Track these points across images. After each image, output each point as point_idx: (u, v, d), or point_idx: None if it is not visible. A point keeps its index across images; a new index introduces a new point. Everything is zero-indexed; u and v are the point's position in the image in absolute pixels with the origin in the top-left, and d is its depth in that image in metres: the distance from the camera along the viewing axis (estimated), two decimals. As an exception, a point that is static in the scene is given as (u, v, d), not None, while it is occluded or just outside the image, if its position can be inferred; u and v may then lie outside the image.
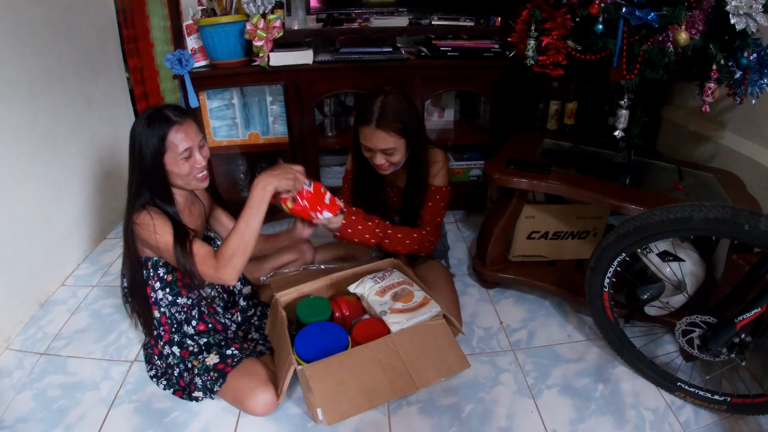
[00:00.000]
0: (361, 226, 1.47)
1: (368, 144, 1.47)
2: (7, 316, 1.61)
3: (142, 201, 1.24)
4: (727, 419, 1.29)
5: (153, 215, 1.22)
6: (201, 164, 1.28)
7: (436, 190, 1.58)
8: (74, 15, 2.02)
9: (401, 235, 1.55)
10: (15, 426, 1.29)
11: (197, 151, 1.27)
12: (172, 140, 1.22)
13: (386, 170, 1.53)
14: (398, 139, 1.45)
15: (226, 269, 1.20)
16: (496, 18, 2.08)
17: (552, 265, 1.80)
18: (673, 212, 1.15)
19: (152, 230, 1.21)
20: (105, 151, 2.23)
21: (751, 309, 1.10)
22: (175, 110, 1.25)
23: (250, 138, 2.11)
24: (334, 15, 2.07)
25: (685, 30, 1.19)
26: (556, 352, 1.53)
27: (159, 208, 1.25)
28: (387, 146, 1.45)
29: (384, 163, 1.49)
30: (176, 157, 1.23)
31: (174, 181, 1.28)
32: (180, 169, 1.24)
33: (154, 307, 1.35)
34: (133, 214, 1.24)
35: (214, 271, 1.20)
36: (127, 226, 1.27)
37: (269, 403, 1.26)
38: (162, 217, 1.23)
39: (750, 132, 1.66)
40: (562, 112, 2.02)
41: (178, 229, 1.23)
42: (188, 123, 1.25)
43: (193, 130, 1.26)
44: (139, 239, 1.27)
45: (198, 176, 1.29)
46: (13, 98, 1.65)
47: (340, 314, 1.42)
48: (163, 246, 1.22)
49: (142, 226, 1.22)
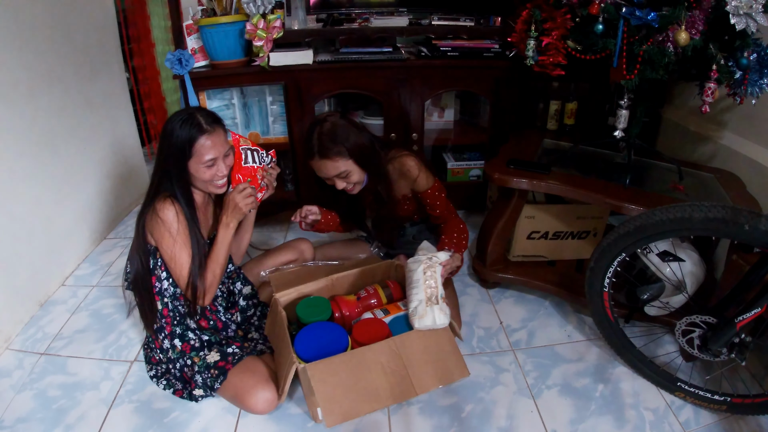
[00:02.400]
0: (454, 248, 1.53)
1: (321, 174, 1.51)
2: (7, 316, 1.61)
3: (165, 189, 1.28)
4: (727, 419, 1.29)
5: (178, 212, 1.27)
6: (222, 173, 1.32)
7: (428, 193, 1.58)
8: (74, 15, 2.02)
9: (456, 236, 1.58)
10: (15, 426, 1.29)
11: (222, 161, 1.31)
12: (199, 148, 1.26)
13: (354, 190, 1.55)
14: (346, 161, 1.46)
15: (201, 301, 1.32)
16: (496, 18, 2.08)
17: (552, 265, 1.80)
18: (673, 212, 1.15)
19: (172, 230, 1.26)
20: (105, 151, 2.23)
21: (751, 309, 1.10)
22: (207, 117, 1.29)
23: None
24: (334, 15, 2.07)
25: (685, 30, 1.19)
26: (556, 352, 1.53)
27: (178, 202, 1.28)
28: (338, 171, 1.47)
29: (346, 186, 1.52)
30: (200, 164, 1.27)
31: (194, 183, 1.33)
32: (202, 175, 1.29)
33: (157, 297, 1.35)
34: (155, 201, 1.27)
35: (186, 289, 1.31)
36: (143, 213, 1.30)
37: (270, 401, 1.26)
38: (183, 221, 1.28)
39: (750, 132, 1.66)
40: (562, 112, 2.02)
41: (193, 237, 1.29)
42: (218, 132, 1.30)
43: (221, 140, 1.31)
44: (150, 227, 1.29)
45: (217, 183, 1.33)
46: (13, 98, 1.65)
47: (340, 314, 1.42)
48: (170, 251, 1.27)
49: (164, 221, 1.25)
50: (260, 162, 1.44)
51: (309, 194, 2.17)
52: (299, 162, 2.09)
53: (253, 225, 1.57)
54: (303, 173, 2.12)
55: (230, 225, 1.36)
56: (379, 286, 1.52)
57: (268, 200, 1.50)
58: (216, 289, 1.36)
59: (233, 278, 1.53)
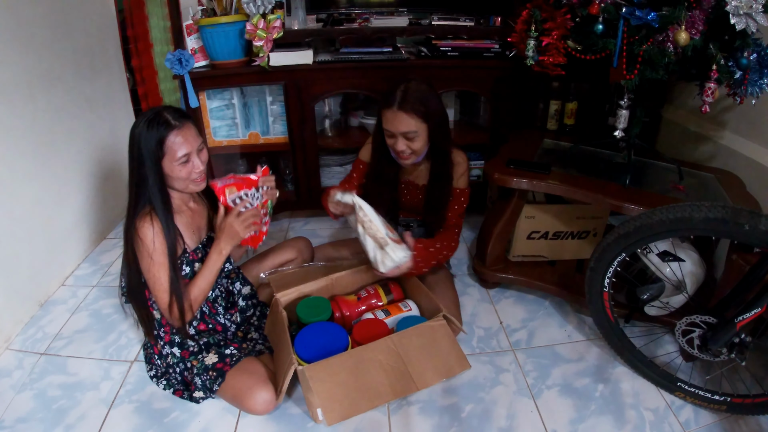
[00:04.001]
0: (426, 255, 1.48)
1: (390, 127, 1.47)
2: (7, 316, 1.61)
3: (144, 204, 1.24)
4: (727, 419, 1.29)
5: (156, 232, 1.23)
6: (199, 169, 1.28)
7: (460, 192, 1.59)
8: (74, 15, 2.02)
9: (437, 246, 1.53)
10: (15, 426, 1.29)
11: (196, 156, 1.27)
12: (170, 145, 1.21)
13: (407, 158, 1.52)
14: (420, 123, 1.45)
15: (177, 320, 1.29)
16: (496, 18, 2.08)
17: (552, 265, 1.80)
18: (673, 212, 1.15)
19: (149, 250, 1.23)
20: (105, 151, 2.23)
21: (751, 309, 1.10)
22: (174, 113, 1.24)
23: (250, 138, 2.11)
24: (334, 15, 2.07)
25: (685, 30, 1.19)
26: (556, 352, 1.53)
27: (157, 216, 1.24)
28: (408, 129, 1.45)
29: (405, 149, 1.49)
30: (174, 162, 1.23)
31: (172, 184, 1.28)
32: (178, 173, 1.25)
33: (152, 308, 1.35)
34: (135, 217, 1.24)
35: (170, 316, 1.28)
36: (128, 228, 1.27)
37: (268, 402, 1.26)
38: (162, 241, 1.24)
39: (750, 132, 1.66)
40: (562, 112, 2.02)
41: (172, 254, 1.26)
42: (187, 127, 1.25)
43: (192, 134, 1.26)
44: (134, 243, 1.26)
45: (195, 179, 1.29)
46: (13, 98, 1.65)
47: (340, 314, 1.42)
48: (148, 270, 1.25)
49: (142, 241, 1.23)
50: (253, 201, 1.38)
51: (309, 194, 2.17)
52: (299, 162, 2.09)
53: None
54: (303, 173, 2.12)
55: (224, 251, 1.32)
56: (379, 286, 1.52)
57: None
58: (195, 311, 1.33)
59: (232, 278, 1.52)
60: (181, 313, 1.27)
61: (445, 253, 1.55)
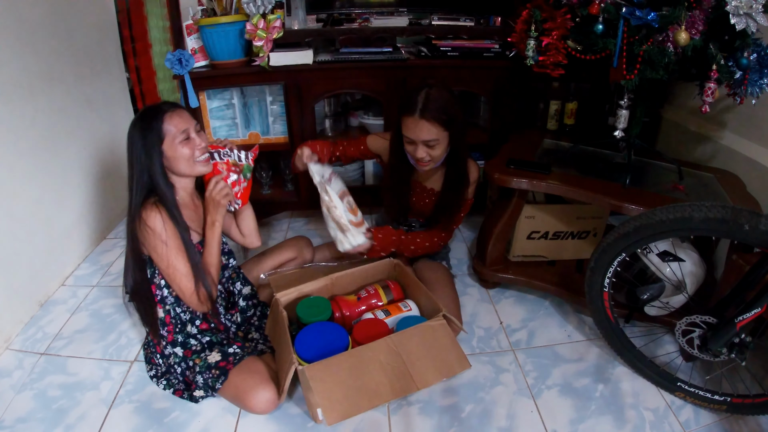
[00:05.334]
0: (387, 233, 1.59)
1: (411, 135, 1.47)
2: (7, 316, 1.61)
3: (148, 196, 1.26)
4: (727, 419, 1.29)
5: (165, 218, 1.24)
6: (201, 145, 1.31)
7: (466, 203, 1.65)
8: (74, 15, 2.02)
9: (418, 241, 1.63)
10: (15, 426, 1.29)
11: (194, 133, 1.31)
12: (168, 126, 1.26)
13: (425, 165, 1.53)
14: (441, 131, 1.45)
15: (205, 305, 1.33)
16: (496, 18, 2.08)
17: (552, 265, 1.80)
18: (673, 212, 1.15)
19: (162, 237, 1.24)
20: (105, 151, 2.23)
21: (751, 309, 1.10)
22: (166, 104, 1.31)
23: (250, 138, 2.11)
24: (334, 15, 2.07)
25: (685, 30, 1.19)
26: (556, 352, 1.53)
27: (163, 204, 1.26)
28: (430, 137, 1.44)
29: (425, 156, 1.49)
30: (175, 141, 1.27)
31: (178, 168, 1.30)
32: (181, 152, 1.28)
33: (159, 306, 1.35)
34: (138, 210, 1.25)
35: (198, 301, 1.31)
36: (130, 223, 1.28)
37: (270, 401, 1.26)
38: (171, 226, 1.25)
39: (750, 132, 1.66)
40: (562, 112, 2.02)
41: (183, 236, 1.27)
42: (180, 110, 1.30)
43: (186, 115, 1.31)
44: (141, 237, 1.27)
45: (200, 159, 1.32)
46: (13, 98, 1.65)
47: (340, 314, 1.42)
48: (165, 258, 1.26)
49: (153, 230, 1.24)
50: (223, 158, 1.40)
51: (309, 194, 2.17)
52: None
53: (251, 207, 1.54)
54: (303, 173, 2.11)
55: (215, 223, 1.35)
56: (379, 286, 1.52)
57: (268, 200, 1.50)
58: (216, 290, 1.36)
59: (233, 278, 1.53)
60: (208, 292, 1.31)
61: (423, 247, 1.64)
